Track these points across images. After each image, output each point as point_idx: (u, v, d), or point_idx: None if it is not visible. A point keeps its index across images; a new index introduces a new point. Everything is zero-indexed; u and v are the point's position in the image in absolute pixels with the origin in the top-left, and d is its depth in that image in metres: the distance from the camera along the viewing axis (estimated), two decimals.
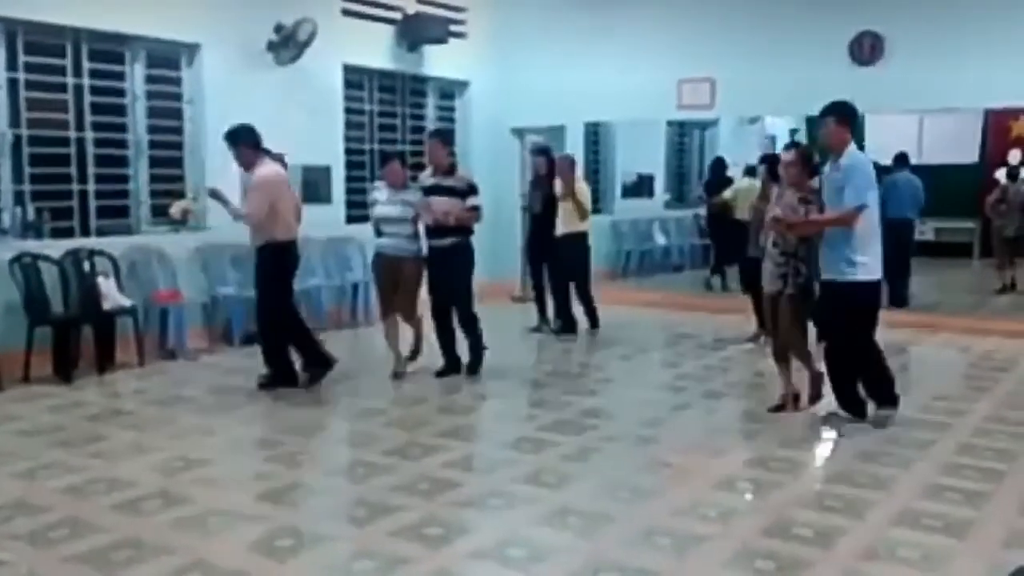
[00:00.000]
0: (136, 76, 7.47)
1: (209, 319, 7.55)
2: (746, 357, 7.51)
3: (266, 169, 6.01)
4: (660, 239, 12.96)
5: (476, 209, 6.45)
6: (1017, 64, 7.98)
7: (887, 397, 5.39)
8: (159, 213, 7.60)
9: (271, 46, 8.11)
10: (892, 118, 11.30)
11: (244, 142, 5.97)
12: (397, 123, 9.90)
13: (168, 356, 7.21)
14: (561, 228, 8.17)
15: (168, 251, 7.42)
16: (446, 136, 6.76)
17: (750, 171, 10.70)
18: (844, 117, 5.24)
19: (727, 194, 10.43)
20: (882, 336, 5.48)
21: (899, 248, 8.18)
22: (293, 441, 5.24)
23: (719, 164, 11.35)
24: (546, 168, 8.30)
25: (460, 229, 6.46)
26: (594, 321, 8.49)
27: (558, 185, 8.18)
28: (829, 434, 5.25)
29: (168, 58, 7.70)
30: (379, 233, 6.51)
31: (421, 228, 6.49)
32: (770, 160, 7.19)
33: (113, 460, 4.80)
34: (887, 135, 11.09)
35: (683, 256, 13.16)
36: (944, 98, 8.58)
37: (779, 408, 5.64)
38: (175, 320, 7.25)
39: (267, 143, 7.95)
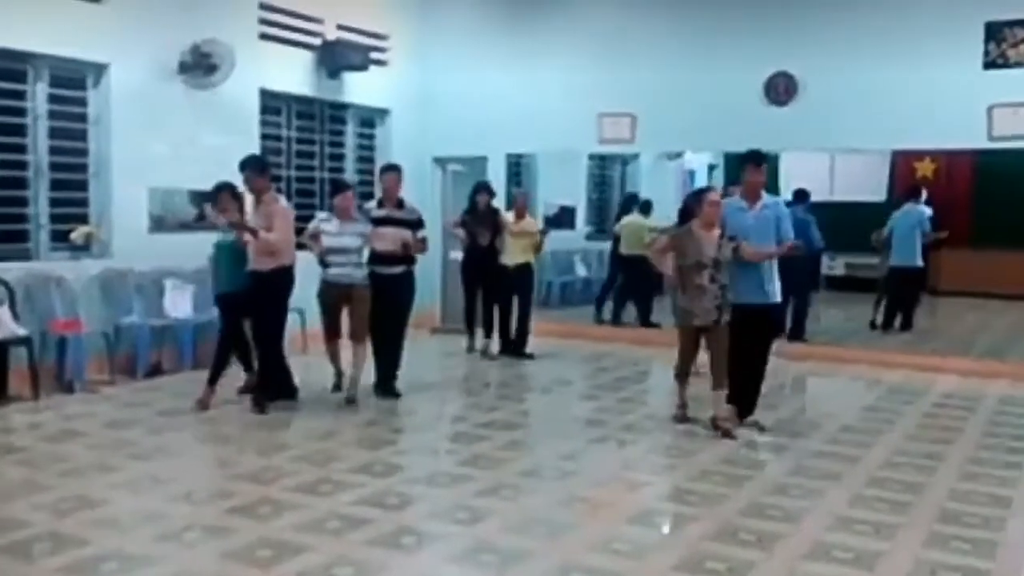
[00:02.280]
0: (38, 95, 7.14)
1: (111, 350, 7.20)
2: (664, 390, 7.52)
3: (282, 198, 6.48)
4: (581, 271, 13.03)
5: (425, 240, 6.92)
6: (921, 108, 8.30)
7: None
8: (59, 238, 7.27)
9: (184, 68, 7.89)
10: (805, 156, 11.63)
11: (268, 170, 6.46)
12: (316, 150, 9.74)
13: (66, 389, 6.86)
14: (516, 259, 8.63)
15: (68, 278, 7.09)
16: (401, 170, 7.05)
17: (644, 208, 10.88)
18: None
19: (616, 228, 10.67)
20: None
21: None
22: (195, 478, 5.03)
23: (628, 199, 11.48)
24: (487, 203, 8.69)
25: (407, 259, 6.81)
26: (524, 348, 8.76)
27: (508, 218, 8.67)
28: (743, 468, 5.28)
29: (73, 78, 7.40)
30: (325, 263, 6.55)
31: (364, 256, 6.74)
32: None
33: (2, 500, 4.50)
34: (800, 172, 11.40)
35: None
36: (853, 138, 8.88)
37: (685, 418, 6.14)
38: (74, 350, 6.89)
39: (179, 167, 7.75)
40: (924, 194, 10.36)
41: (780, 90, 9.01)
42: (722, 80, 9.11)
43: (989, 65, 8.18)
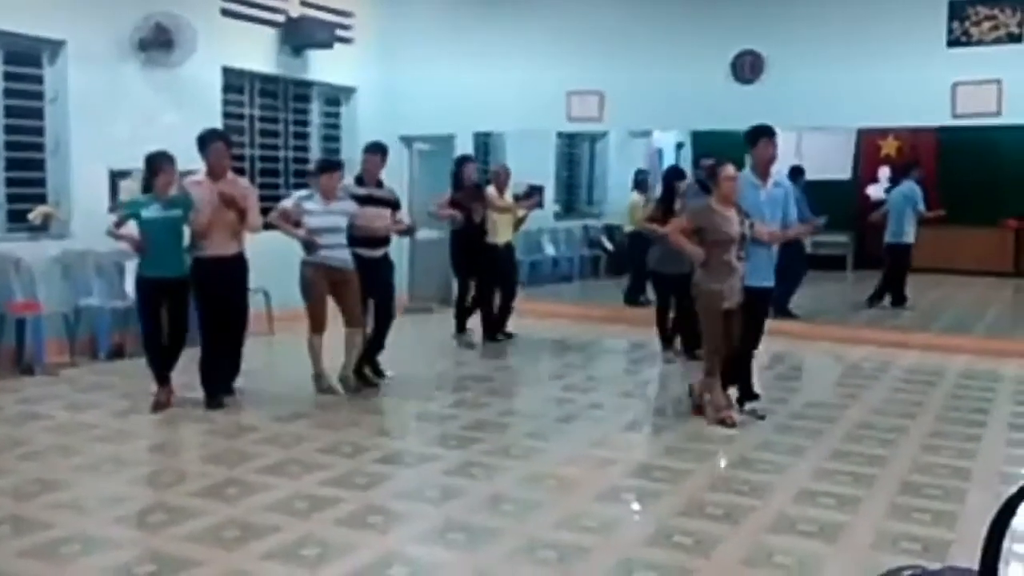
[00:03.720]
0: None
1: (71, 332, 7.08)
2: (631, 369, 7.57)
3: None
4: (549, 249, 13.02)
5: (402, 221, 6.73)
6: (886, 87, 8.35)
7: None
8: (17, 218, 7.13)
9: (143, 45, 7.73)
10: None
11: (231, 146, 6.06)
12: (280, 128, 9.60)
13: (25, 371, 6.74)
14: (503, 237, 8.28)
15: (26, 259, 6.95)
16: (386, 151, 6.74)
17: (639, 185, 10.86)
18: None
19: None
20: (760, 346, 5.70)
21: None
22: (158, 460, 4.98)
23: (635, 176, 11.38)
24: (472, 176, 8.28)
25: (387, 240, 6.54)
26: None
27: (493, 193, 8.23)
28: (711, 443, 5.32)
29: (29, 55, 7.22)
30: (312, 245, 6.04)
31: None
32: (677, 174, 7.56)
33: None
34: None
35: (572, 267, 13.26)
36: (819, 117, 8.93)
37: (733, 421, 5.59)
38: (32, 332, 6.77)
39: (138, 146, 7.57)
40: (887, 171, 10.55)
41: (747, 68, 9.03)
42: (689, 58, 9.11)
43: (953, 43, 8.27)
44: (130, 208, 5.85)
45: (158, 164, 5.68)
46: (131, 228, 5.73)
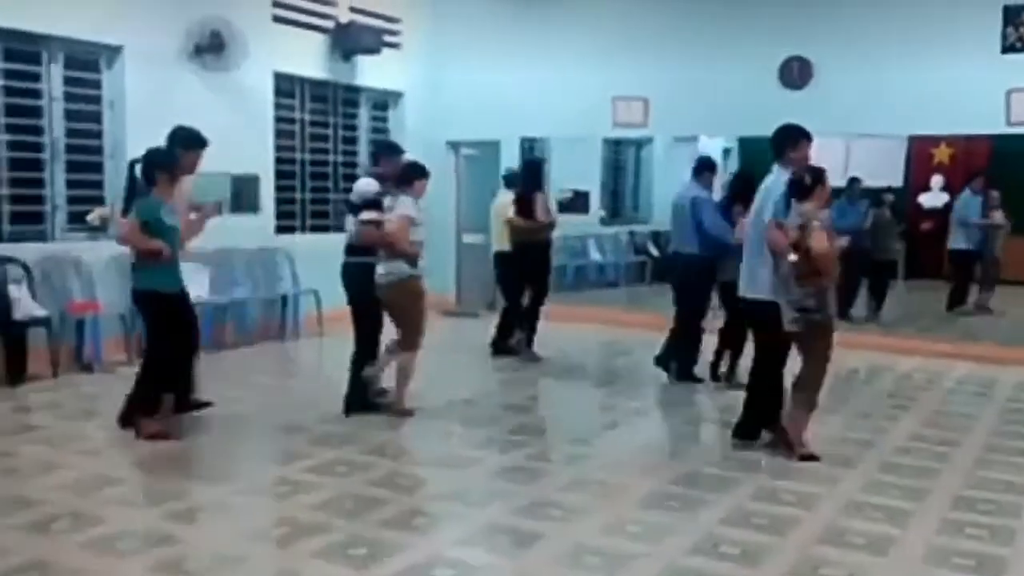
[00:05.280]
0: (54, 77, 7.18)
1: (128, 330, 7.24)
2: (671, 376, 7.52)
3: None
4: (595, 255, 13.01)
5: None
6: (939, 93, 8.21)
7: None
8: (76, 220, 7.32)
9: (198, 51, 7.90)
10: (820, 141, 11.51)
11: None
12: (329, 133, 9.74)
13: (84, 368, 6.94)
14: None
15: (85, 259, 7.14)
16: (402, 153, 6.43)
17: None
18: None
19: None
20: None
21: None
22: (213, 459, 5.07)
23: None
24: None
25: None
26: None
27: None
28: (756, 452, 5.27)
29: (88, 60, 7.43)
30: (417, 257, 5.68)
31: None
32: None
33: (22, 478, 4.56)
34: (814, 156, 11.28)
35: (618, 273, 13.23)
36: (870, 124, 8.80)
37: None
38: (91, 331, 6.97)
39: None
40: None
41: (795, 74, 8.94)
42: (736, 63, 9.04)
43: (1007, 49, 8.10)
44: (149, 213, 5.08)
45: (174, 166, 5.18)
46: None
